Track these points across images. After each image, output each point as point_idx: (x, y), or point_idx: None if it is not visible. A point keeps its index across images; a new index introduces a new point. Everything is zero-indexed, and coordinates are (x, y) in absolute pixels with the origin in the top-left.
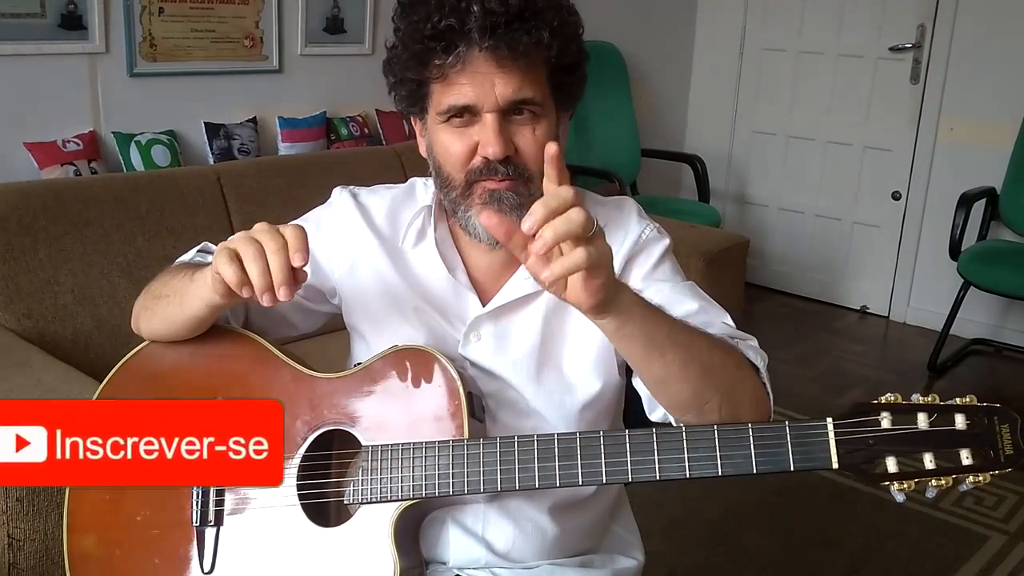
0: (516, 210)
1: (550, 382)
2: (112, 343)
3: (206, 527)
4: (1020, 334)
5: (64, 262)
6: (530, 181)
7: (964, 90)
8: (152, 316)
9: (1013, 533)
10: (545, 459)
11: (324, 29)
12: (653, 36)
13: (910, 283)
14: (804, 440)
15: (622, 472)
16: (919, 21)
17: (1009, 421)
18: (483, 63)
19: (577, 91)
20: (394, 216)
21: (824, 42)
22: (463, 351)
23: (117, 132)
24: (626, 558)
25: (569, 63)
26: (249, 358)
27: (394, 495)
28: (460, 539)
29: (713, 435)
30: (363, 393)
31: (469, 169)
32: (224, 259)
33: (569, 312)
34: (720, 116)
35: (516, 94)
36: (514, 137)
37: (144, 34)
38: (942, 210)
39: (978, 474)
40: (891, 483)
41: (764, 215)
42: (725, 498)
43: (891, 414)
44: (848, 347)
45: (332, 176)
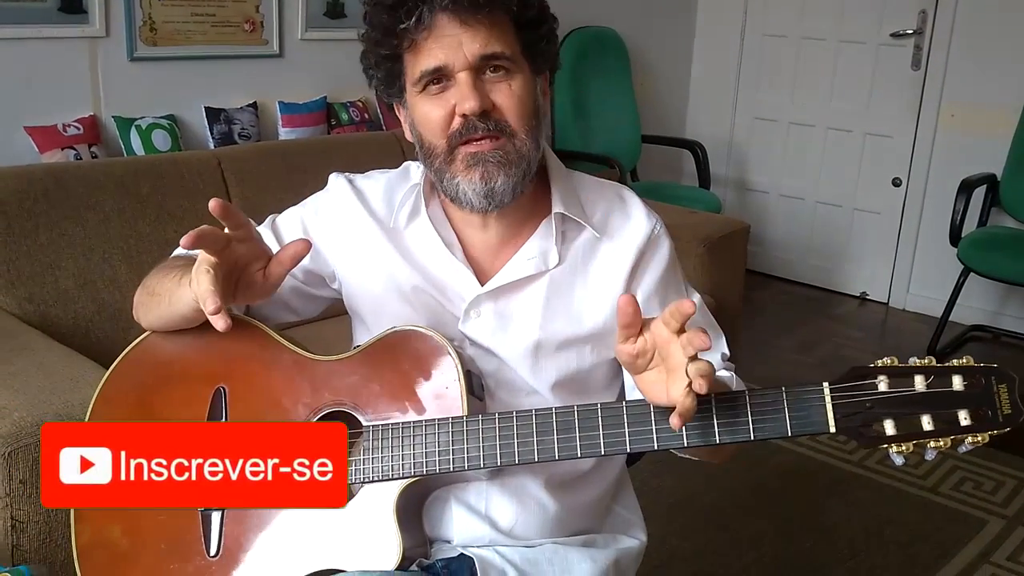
0: (502, 167)
1: (549, 361)
2: (113, 327)
3: (211, 511)
4: (1019, 320)
5: (65, 246)
6: (513, 136)
7: (965, 77)
8: (148, 311)
9: (1012, 517)
10: (544, 433)
11: (325, 14)
12: (654, 22)
13: (910, 270)
14: (801, 405)
15: (620, 443)
16: (920, 7)
17: (1007, 380)
18: (447, 24)
19: (547, 49)
20: (390, 198)
21: (825, 28)
22: (463, 328)
23: (117, 116)
24: (629, 538)
25: (533, 17)
26: (250, 344)
27: (395, 473)
28: (464, 517)
29: (711, 404)
30: (363, 375)
31: (450, 133)
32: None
33: (573, 290)
34: (721, 102)
35: (484, 48)
36: (491, 94)
37: (144, 18)
38: (942, 197)
39: (976, 434)
40: (889, 445)
41: (765, 201)
42: (724, 483)
43: (888, 377)
44: (848, 333)
45: (332, 161)
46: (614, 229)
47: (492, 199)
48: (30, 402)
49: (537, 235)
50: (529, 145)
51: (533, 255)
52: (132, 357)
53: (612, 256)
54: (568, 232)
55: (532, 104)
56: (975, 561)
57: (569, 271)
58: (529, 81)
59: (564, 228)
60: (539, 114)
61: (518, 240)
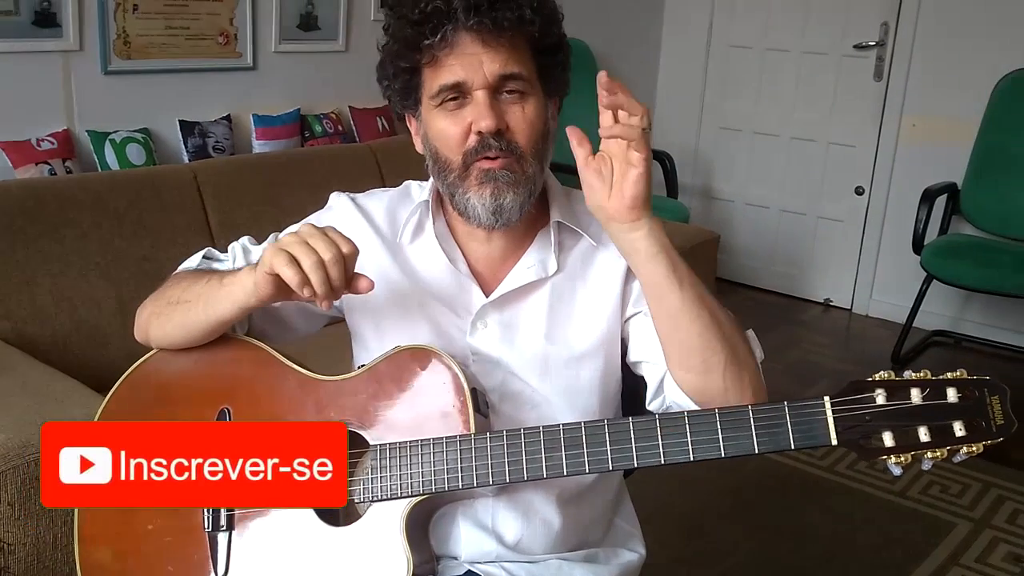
0: (511, 187)
1: (556, 368)
2: (91, 344)
3: (218, 532)
4: (978, 326)
5: (42, 263)
6: (522, 159)
7: (926, 88)
8: (167, 322)
9: (978, 520)
10: (552, 449)
11: (298, 26)
12: (621, 33)
13: (872, 276)
14: (803, 419)
15: (627, 458)
16: (883, 19)
17: (999, 392)
18: (470, 43)
19: (561, 76)
20: (393, 215)
21: (789, 40)
22: (470, 340)
23: (91, 130)
24: (629, 551)
25: (551, 44)
26: (253, 364)
27: (404, 492)
28: (471, 533)
29: (715, 418)
30: (368, 394)
31: (465, 150)
32: (283, 261)
33: (574, 298)
34: (687, 112)
35: (503, 69)
36: (505, 115)
37: (118, 31)
38: (904, 205)
39: (971, 444)
40: (888, 457)
41: (730, 210)
42: (699, 491)
43: (885, 390)
44: (814, 339)
45: (309, 174)
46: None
47: (500, 215)
48: (15, 423)
49: (535, 244)
50: (535, 168)
51: (532, 263)
52: (134, 378)
53: (609, 262)
54: (565, 241)
55: (542, 128)
56: (945, 563)
57: (569, 278)
58: (541, 105)
59: (561, 237)
60: (548, 138)
61: (519, 252)
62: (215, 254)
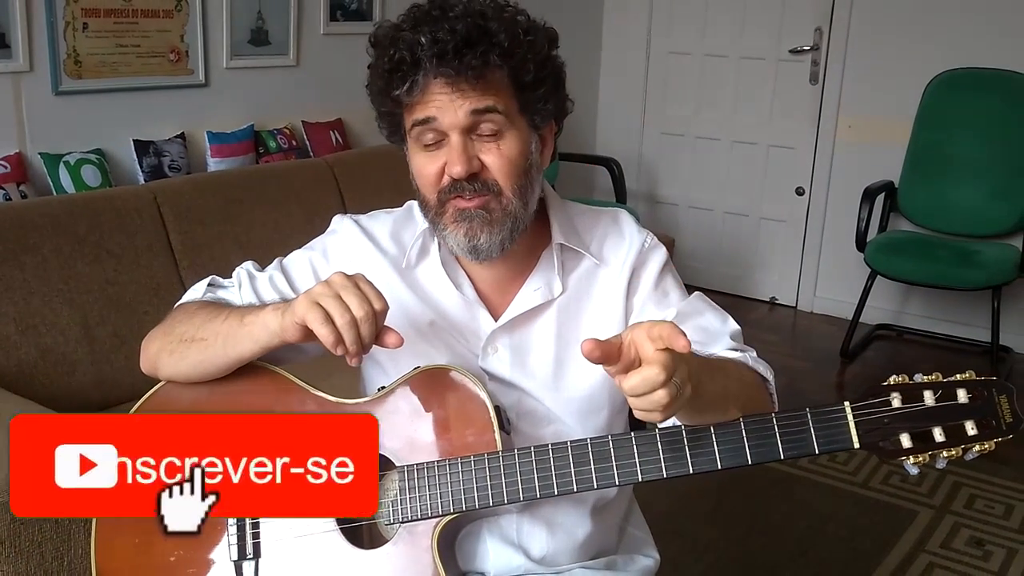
0: (486, 226)
1: (568, 386)
2: (57, 372)
3: (244, 560)
4: (919, 318)
5: (4, 291)
6: (500, 195)
7: (860, 89)
8: (180, 360)
9: (939, 507)
10: (581, 463)
11: (249, 41)
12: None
13: (815, 274)
14: (826, 424)
15: (656, 469)
16: (816, 24)
17: (1006, 392)
18: (439, 87)
19: (548, 107)
20: (398, 237)
21: (727, 45)
22: (483, 364)
23: (44, 153)
24: (644, 557)
25: (530, 80)
26: (270, 390)
27: (435, 511)
28: (498, 548)
29: (740, 427)
30: (391, 415)
31: (440, 189)
32: (317, 317)
33: (581, 317)
34: (629, 119)
35: (475, 104)
36: (480, 154)
37: (68, 51)
38: (843, 204)
39: (983, 442)
40: (907, 457)
41: (675, 213)
42: (676, 491)
43: (900, 394)
44: (762, 337)
45: (268, 191)
46: (611, 254)
47: (478, 254)
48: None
49: (540, 267)
50: (516, 204)
51: (538, 286)
52: (146, 410)
53: (611, 279)
54: (568, 262)
55: (523, 163)
56: (912, 551)
57: (575, 299)
58: (523, 140)
59: (564, 258)
60: (531, 172)
61: (524, 273)
62: (220, 282)
